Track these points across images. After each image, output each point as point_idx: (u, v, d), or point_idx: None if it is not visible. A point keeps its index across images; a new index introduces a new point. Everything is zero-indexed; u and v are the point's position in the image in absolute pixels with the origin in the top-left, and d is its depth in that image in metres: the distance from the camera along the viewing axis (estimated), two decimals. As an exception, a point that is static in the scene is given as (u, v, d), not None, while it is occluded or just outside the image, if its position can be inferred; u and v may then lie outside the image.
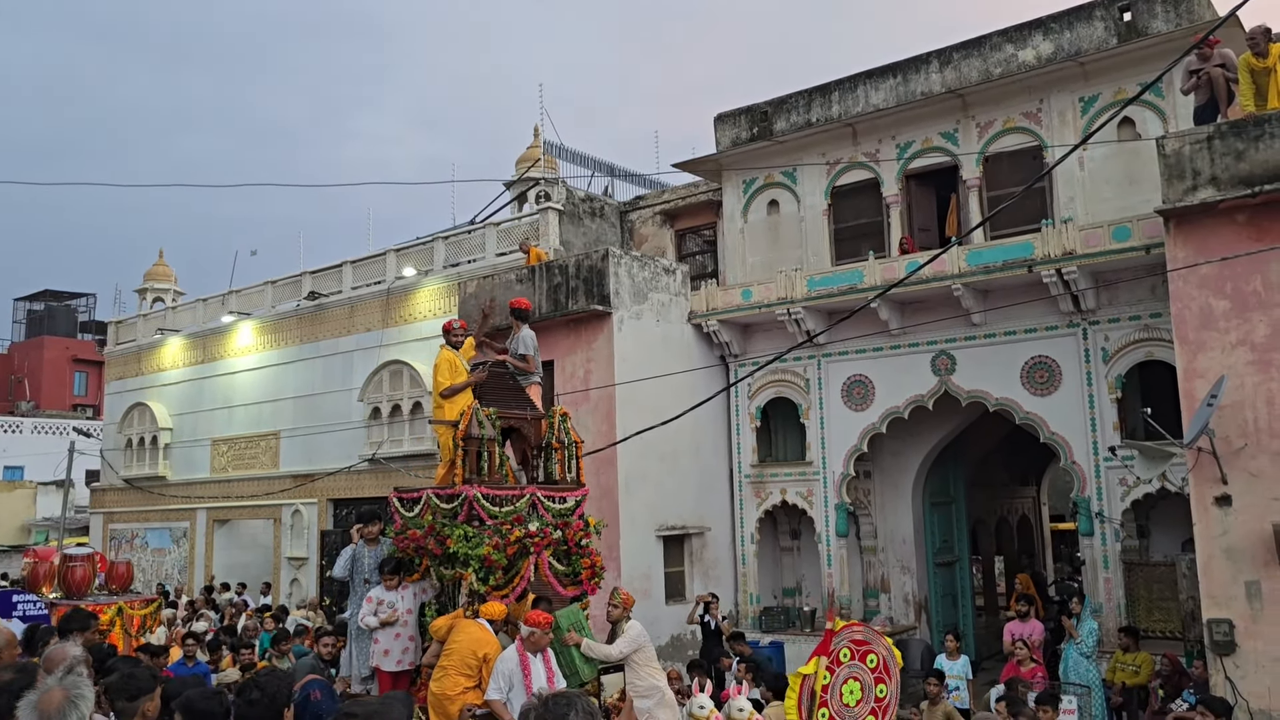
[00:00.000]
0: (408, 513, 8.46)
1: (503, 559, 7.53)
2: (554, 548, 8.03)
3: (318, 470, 19.97)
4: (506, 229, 19.10)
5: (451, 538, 7.57)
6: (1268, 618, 9.67)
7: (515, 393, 8.94)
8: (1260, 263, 10.01)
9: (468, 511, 7.74)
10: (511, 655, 6.91)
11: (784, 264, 15.79)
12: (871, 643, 5.87)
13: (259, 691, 3.89)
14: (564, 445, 8.79)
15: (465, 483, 7.92)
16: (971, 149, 14.57)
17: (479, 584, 7.45)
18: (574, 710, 2.69)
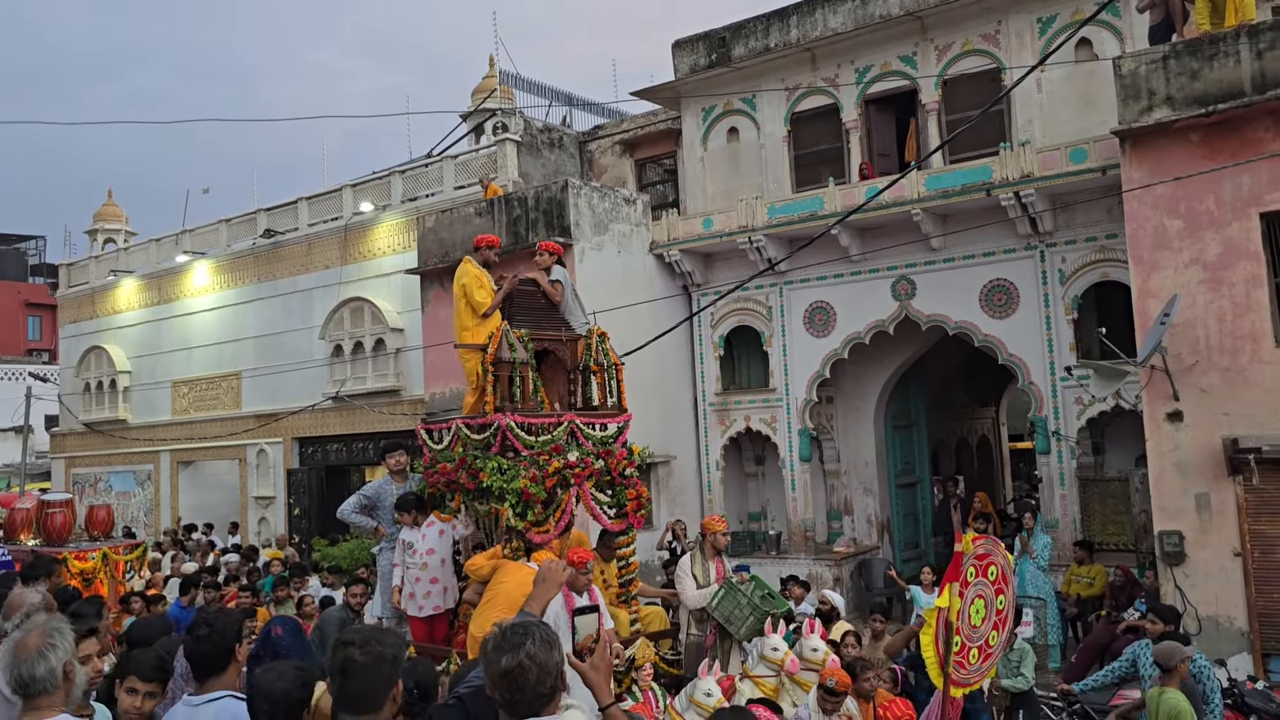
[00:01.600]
0: (436, 445, 7.79)
1: (541, 492, 6.91)
2: (596, 478, 7.38)
3: (281, 409, 19.88)
4: (464, 162, 18.83)
5: (484, 471, 6.96)
6: (1216, 528, 9.99)
7: (547, 312, 8.06)
8: (1213, 182, 10.12)
9: (501, 442, 7.09)
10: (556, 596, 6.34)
11: (744, 192, 15.74)
12: (992, 553, 5.43)
13: (208, 628, 3.86)
14: (603, 367, 7.98)
15: (496, 411, 7.23)
16: (930, 72, 14.50)
17: (516, 519, 6.86)
18: (530, 639, 2.71)
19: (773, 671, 6.65)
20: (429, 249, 16.38)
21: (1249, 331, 9.98)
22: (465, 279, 7.70)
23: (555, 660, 2.70)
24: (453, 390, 16.00)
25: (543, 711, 2.69)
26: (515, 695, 2.68)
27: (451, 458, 7.37)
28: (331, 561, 15.25)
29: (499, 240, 8.33)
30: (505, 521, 6.85)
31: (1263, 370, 9.89)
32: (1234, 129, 10.10)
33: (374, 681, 2.83)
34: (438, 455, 7.64)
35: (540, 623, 2.83)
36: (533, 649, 2.67)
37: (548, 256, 8.34)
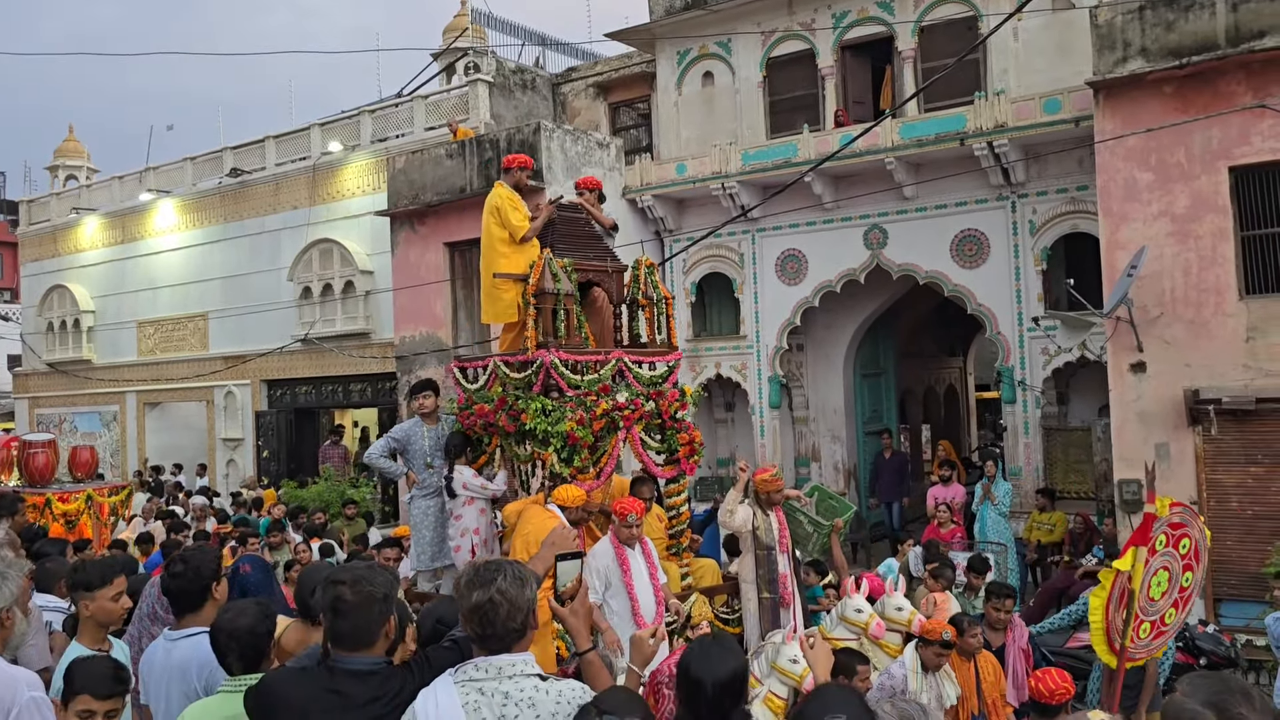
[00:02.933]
0: (471, 384, 7.23)
1: (588, 435, 6.42)
2: (645, 421, 6.90)
3: (249, 351, 19.71)
4: (435, 102, 18.54)
5: (527, 412, 6.45)
6: (1174, 477, 10.20)
7: (591, 240, 7.46)
8: (1184, 134, 10.17)
9: (544, 381, 6.57)
10: (605, 550, 5.90)
11: (719, 137, 15.63)
12: (1188, 525, 4.97)
13: (183, 565, 3.90)
14: (652, 301, 7.41)
15: (539, 348, 6.68)
16: (908, 18, 14.37)
17: (561, 465, 6.38)
18: (502, 575, 2.75)
19: (854, 635, 6.14)
20: (399, 190, 16.18)
21: (1213, 285, 10.11)
22: (497, 201, 7.11)
23: (527, 597, 2.74)
24: (423, 334, 15.93)
25: (513, 647, 2.74)
26: (486, 630, 2.72)
27: (489, 398, 6.85)
28: (297, 503, 15.22)
29: (531, 161, 7.60)
30: (549, 467, 6.40)
31: (1225, 323, 10.04)
32: (1206, 82, 10.13)
33: (365, 619, 2.87)
34: (474, 395, 7.08)
35: (513, 561, 2.86)
36: (504, 584, 2.72)
37: (589, 194, 7.79)
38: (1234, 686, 2.01)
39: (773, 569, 6.89)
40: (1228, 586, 9.89)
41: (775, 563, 6.90)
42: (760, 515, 6.99)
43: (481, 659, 2.74)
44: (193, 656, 3.70)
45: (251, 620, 3.41)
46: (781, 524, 7.06)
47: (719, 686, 3.02)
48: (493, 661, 2.72)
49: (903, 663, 5.80)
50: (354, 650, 2.87)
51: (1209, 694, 1.97)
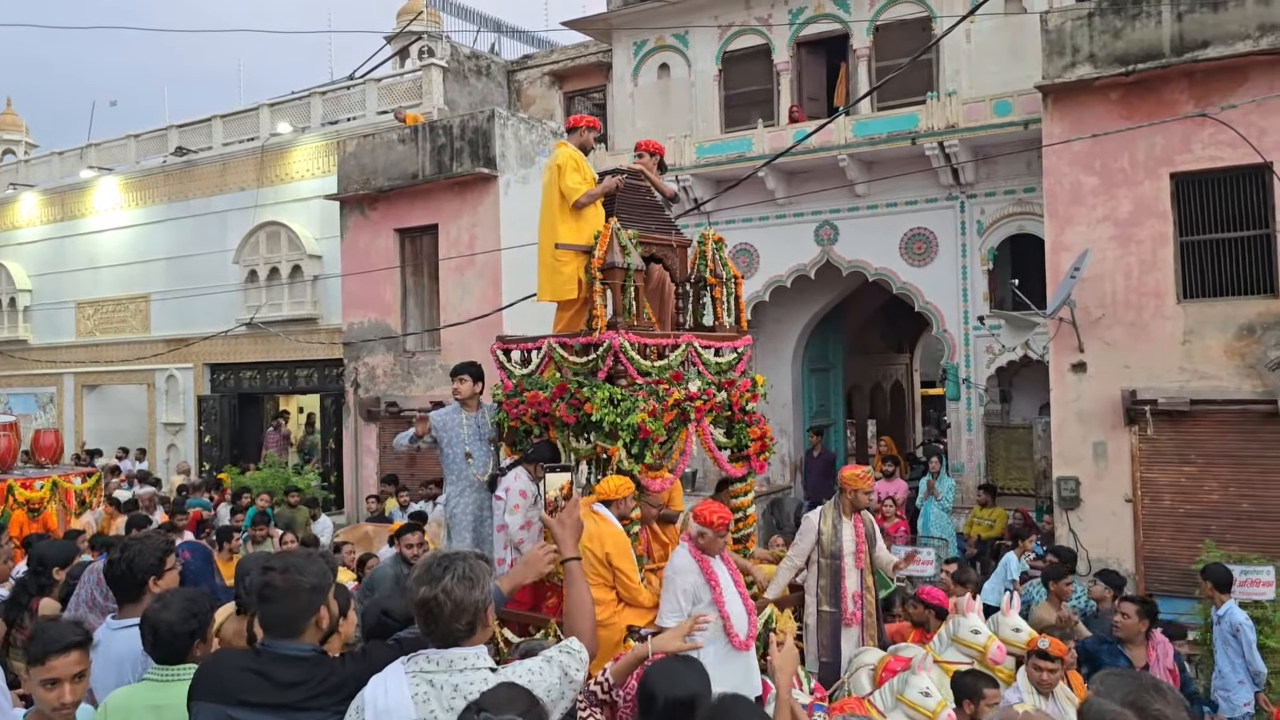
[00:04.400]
0: (518, 369, 6.49)
1: (660, 429, 5.76)
2: (715, 414, 6.26)
3: (192, 334, 19.34)
4: (388, 86, 18.33)
5: (592, 401, 5.75)
6: (1110, 474, 10.44)
7: (654, 210, 6.77)
8: (1128, 140, 10.38)
9: (611, 366, 5.90)
10: (688, 564, 5.16)
11: (674, 129, 15.63)
12: None
13: (120, 555, 3.87)
14: (721, 280, 6.72)
15: (608, 328, 5.97)
16: (863, 17, 14.49)
17: (630, 461, 5.71)
18: (451, 573, 2.71)
19: (969, 658, 5.51)
20: (349, 174, 15.97)
21: (1153, 288, 10.34)
22: (559, 160, 6.39)
23: (474, 598, 2.71)
24: (371, 320, 15.76)
25: (461, 644, 2.72)
26: (430, 626, 2.73)
27: (544, 385, 6.11)
28: (240, 489, 14.99)
29: (599, 123, 6.88)
30: (616, 463, 5.70)
31: (1163, 326, 10.28)
32: (1151, 89, 10.34)
33: (293, 607, 2.86)
34: (524, 381, 6.34)
35: (471, 556, 2.82)
36: (450, 584, 2.69)
37: (648, 157, 7.03)
38: (1146, 683, 2.06)
39: (835, 581, 6.36)
40: (1160, 583, 10.14)
41: (839, 574, 6.36)
42: (833, 518, 6.51)
43: (434, 651, 2.73)
44: (129, 648, 3.69)
45: (174, 616, 3.37)
46: (859, 535, 6.51)
47: (672, 704, 3.08)
48: (445, 654, 2.71)
49: (1017, 688, 5.30)
50: (282, 637, 2.86)
51: (1126, 693, 2.02)
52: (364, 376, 15.92)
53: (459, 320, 13.87)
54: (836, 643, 6.31)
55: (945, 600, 6.26)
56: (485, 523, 6.29)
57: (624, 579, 5.25)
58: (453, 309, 14.67)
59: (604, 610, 5.00)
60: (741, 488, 6.55)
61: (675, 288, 6.71)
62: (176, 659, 3.34)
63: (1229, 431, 10.07)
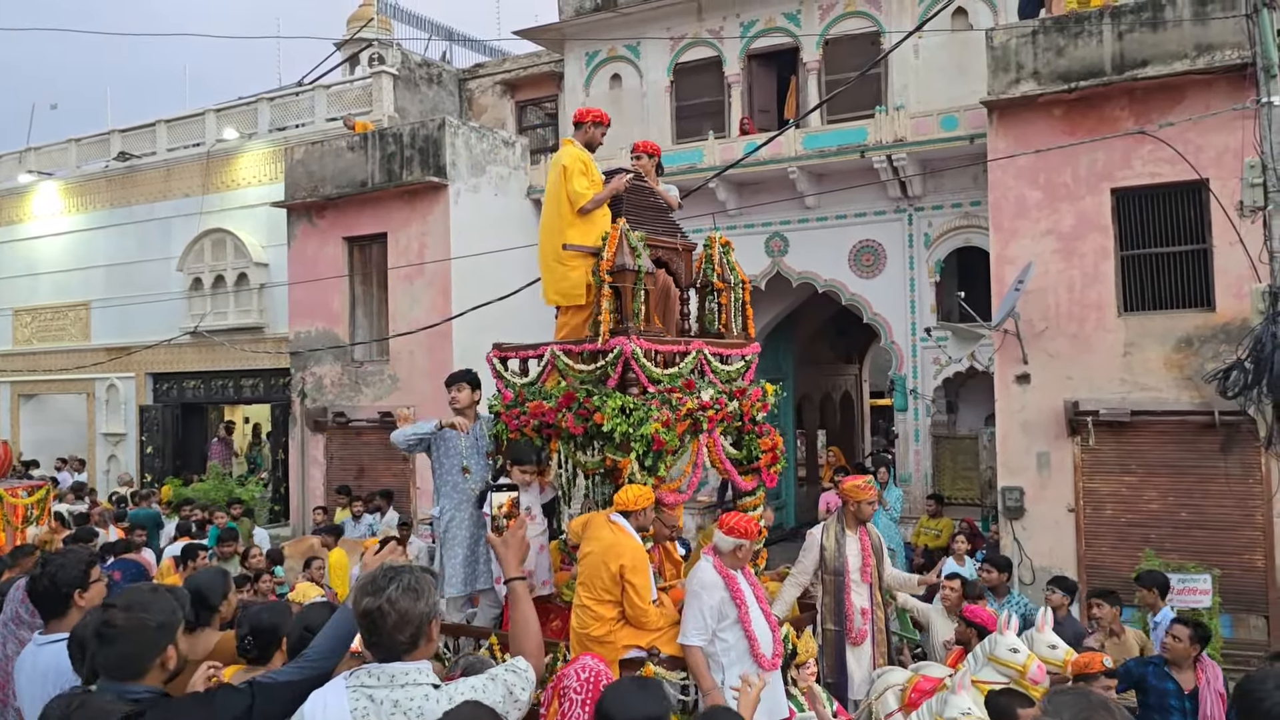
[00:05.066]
0: (517, 378, 6.19)
1: (674, 439, 5.49)
2: (726, 424, 6.01)
3: (134, 343, 18.94)
4: (338, 92, 18.15)
5: (604, 411, 5.44)
6: (1053, 484, 10.60)
7: (658, 212, 6.51)
8: (1071, 156, 10.57)
9: (621, 374, 5.58)
10: (713, 580, 4.87)
11: (625, 140, 15.54)
12: None
13: (42, 570, 3.78)
14: (729, 285, 6.49)
15: (617, 334, 5.66)
16: (813, 31, 14.63)
17: (643, 473, 5.41)
18: (396, 583, 2.67)
19: (1005, 679, 5.23)
20: (297, 182, 15.77)
21: (1095, 301, 10.53)
22: (566, 160, 6.11)
23: (419, 610, 2.67)
24: (319, 329, 15.56)
25: (403, 658, 2.68)
26: (373, 637, 2.68)
27: (548, 394, 5.79)
28: (181, 500, 14.67)
29: (607, 116, 6.53)
30: (627, 476, 5.40)
31: (1105, 338, 10.47)
32: (1093, 106, 10.55)
33: (136, 647, 2.75)
34: (525, 391, 6.02)
35: (417, 569, 2.78)
36: (395, 594, 2.65)
37: (647, 159, 6.71)
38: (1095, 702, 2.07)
39: (839, 598, 6.11)
40: (1102, 591, 10.30)
41: (843, 590, 6.13)
42: (835, 533, 6.26)
43: (375, 665, 2.69)
44: (53, 664, 3.62)
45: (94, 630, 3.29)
46: (865, 548, 6.28)
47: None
48: (386, 669, 2.67)
49: None
50: (120, 681, 2.74)
51: (1075, 712, 2.03)
52: (311, 386, 15.70)
53: (408, 330, 13.74)
54: (842, 662, 6.07)
55: (990, 620, 5.97)
56: (481, 541, 5.89)
57: (633, 596, 4.87)
58: (402, 318, 14.53)
59: (600, 627, 4.84)
60: (751, 501, 6.25)
61: (680, 293, 6.48)
62: None
63: (1168, 442, 10.27)
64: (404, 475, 14.73)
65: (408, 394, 14.63)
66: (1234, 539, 9.91)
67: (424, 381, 14.52)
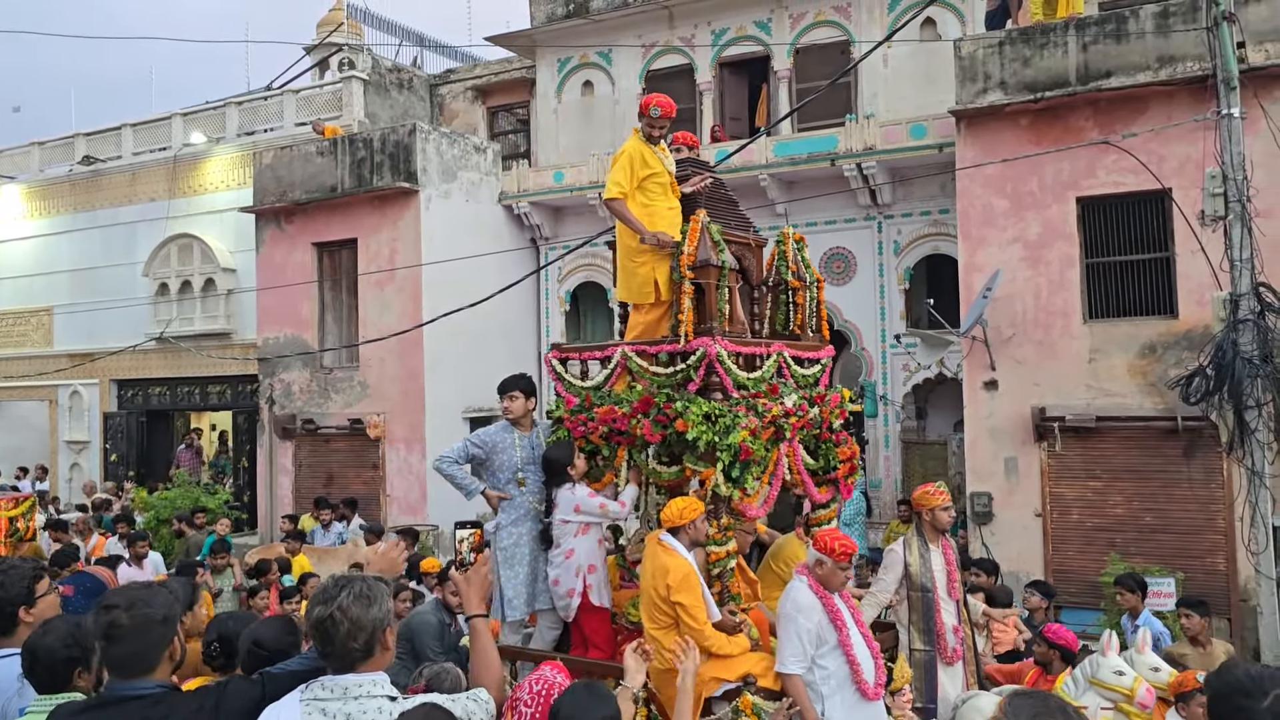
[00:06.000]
0: (581, 382, 5.74)
1: (761, 449, 5.09)
2: (805, 432, 5.61)
3: (98, 349, 18.68)
4: (307, 97, 18.03)
5: (686, 417, 4.99)
6: (1021, 489, 10.72)
7: (729, 205, 6.12)
8: (1037, 165, 10.71)
9: (704, 378, 5.17)
10: (810, 601, 4.55)
11: (597, 146, 15.66)
12: None
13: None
14: (805, 283, 6.06)
15: (700, 334, 5.26)
16: (784, 40, 14.73)
17: (727, 486, 4.98)
18: (347, 591, 2.65)
19: (1110, 703, 4.90)
20: (266, 187, 15.65)
21: (1061, 308, 10.67)
22: (622, 150, 5.80)
23: (372, 616, 2.64)
24: (287, 336, 15.43)
25: (357, 668, 2.65)
26: (325, 646, 2.66)
27: (620, 399, 5.35)
28: (150, 511, 14.50)
29: (670, 106, 5.98)
30: (712, 488, 4.99)
31: (1071, 345, 10.61)
32: (1058, 116, 10.70)
33: (144, 644, 2.72)
34: (593, 395, 5.56)
35: (370, 577, 2.77)
36: (346, 602, 2.62)
37: (686, 150, 6.35)
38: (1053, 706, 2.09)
39: (928, 615, 5.63)
40: (1067, 595, 10.41)
41: (932, 608, 5.65)
42: (918, 547, 5.80)
43: (328, 678, 2.65)
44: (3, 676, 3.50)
45: (55, 641, 3.20)
46: (950, 563, 5.79)
47: None
48: (339, 681, 2.63)
49: None
50: (132, 677, 2.71)
51: (1030, 714, 2.05)
52: (279, 393, 15.57)
53: (379, 336, 13.66)
54: (933, 685, 5.62)
55: (1073, 640, 5.71)
56: (541, 557, 5.55)
57: (685, 617, 4.53)
58: (372, 325, 14.45)
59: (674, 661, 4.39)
60: (825, 514, 5.91)
61: (751, 291, 6.10)
62: (57, 687, 3.18)
63: (1132, 447, 10.42)
64: (374, 483, 14.63)
65: (378, 401, 14.56)
66: (1197, 542, 10.06)
67: (394, 388, 14.45)
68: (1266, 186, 9.05)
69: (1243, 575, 9.43)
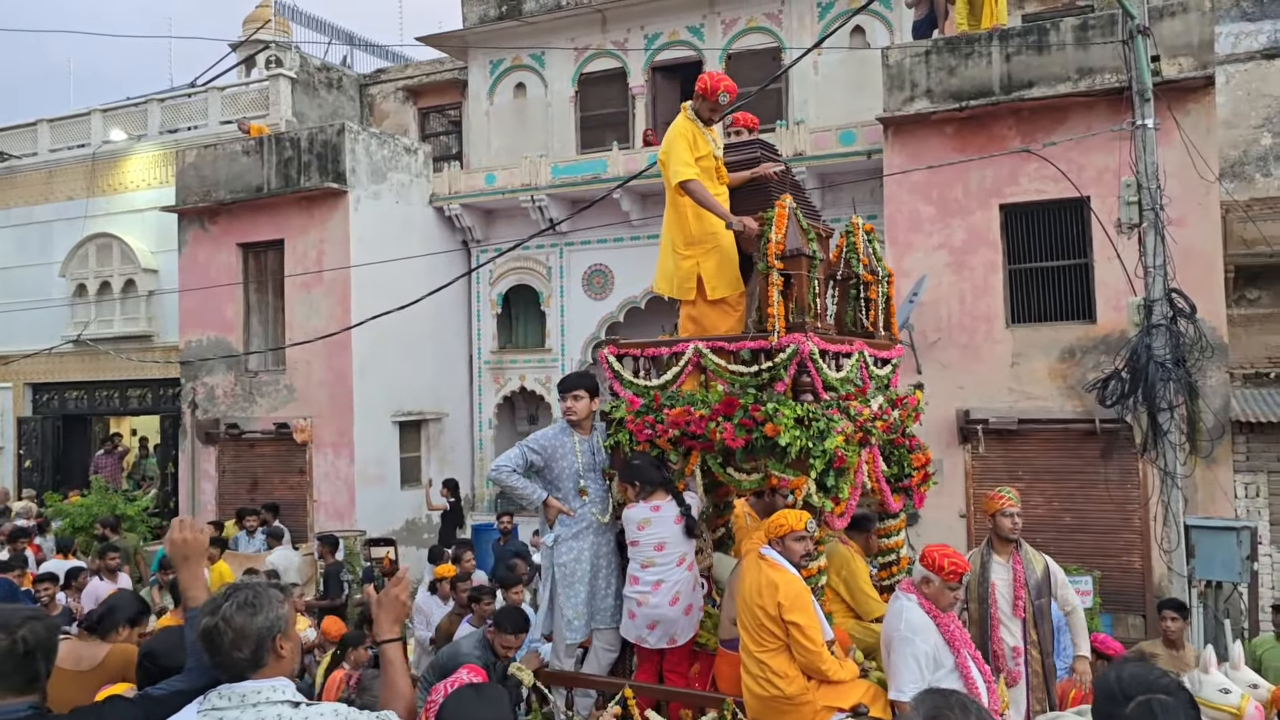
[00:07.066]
0: (643, 380, 5.20)
1: (855, 456, 4.69)
2: (884, 436, 5.20)
3: (12, 352, 18.07)
4: (233, 95, 17.66)
5: (776, 421, 4.51)
6: (946, 491, 10.88)
7: (797, 192, 5.66)
8: (963, 172, 10.92)
9: (793, 379, 4.68)
10: (924, 621, 4.18)
11: (529, 149, 15.60)
12: None
13: None
14: (878, 278, 5.68)
15: (791, 329, 4.77)
16: (716, 45, 14.82)
17: (819, 496, 4.53)
18: (231, 600, 2.59)
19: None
20: (189, 186, 15.29)
21: (984, 313, 10.89)
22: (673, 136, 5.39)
23: (257, 625, 2.58)
24: (211, 338, 15.09)
25: (248, 677, 2.59)
26: (214, 657, 2.60)
27: (695, 400, 4.83)
28: (65, 518, 14.04)
29: (734, 87, 5.54)
30: (803, 497, 4.51)
31: (994, 349, 10.83)
32: (982, 125, 10.93)
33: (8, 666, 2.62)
34: (663, 396, 5.00)
35: (260, 585, 2.70)
36: (229, 611, 2.57)
37: (748, 133, 5.99)
38: (953, 701, 2.12)
39: (985, 631, 5.22)
40: (992, 594, 10.63)
41: (989, 624, 5.25)
42: (982, 556, 5.41)
43: (225, 687, 2.59)
44: None
45: None
46: (1017, 578, 5.30)
47: None
48: (236, 689, 2.57)
49: None
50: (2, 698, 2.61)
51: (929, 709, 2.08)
52: (202, 397, 15.21)
53: (305, 339, 13.42)
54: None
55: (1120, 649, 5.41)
56: (601, 574, 5.06)
57: (800, 638, 4.11)
58: (299, 327, 14.18)
59: (791, 684, 4.11)
60: (894, 525, 5.53)
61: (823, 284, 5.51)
62: None
63: (1053, 449, 10.67)
64: (301, 488, 14.36)
65: (305, 404, 14.30)
66: (1114, 541, 10.34)
67: (321, 391, 14.21)
68: (1179, 195, 9.34)
69: (1157, 573, 9.71)
